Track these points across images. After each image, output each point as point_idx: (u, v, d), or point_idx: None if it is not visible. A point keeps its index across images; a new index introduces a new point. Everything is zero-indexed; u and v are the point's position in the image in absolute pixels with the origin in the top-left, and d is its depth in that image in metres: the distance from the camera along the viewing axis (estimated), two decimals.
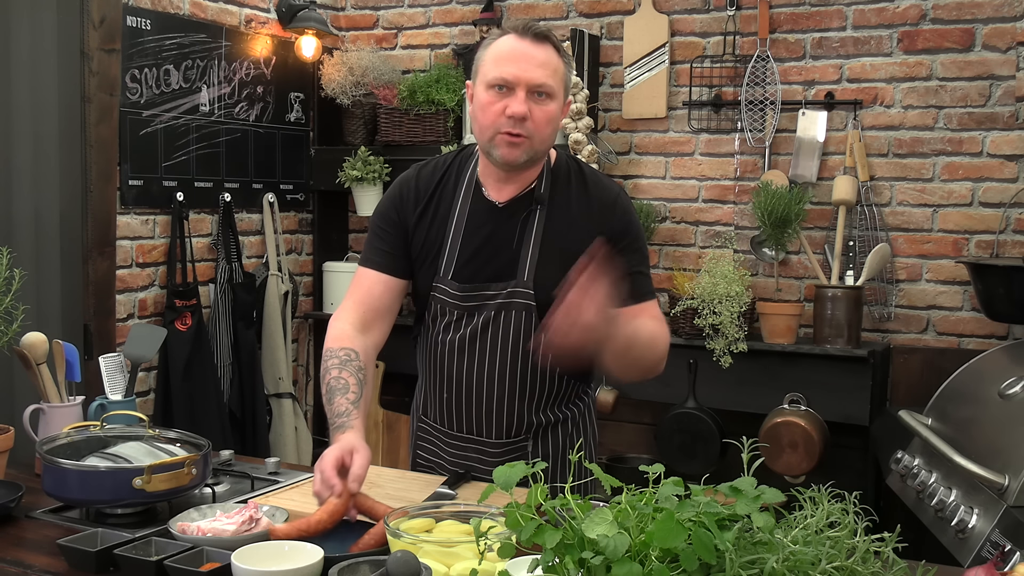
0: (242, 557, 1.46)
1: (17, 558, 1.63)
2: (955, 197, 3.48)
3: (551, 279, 1.88)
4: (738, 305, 3.40)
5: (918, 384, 3.40)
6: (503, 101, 1.88)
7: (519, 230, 1.98)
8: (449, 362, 2.03)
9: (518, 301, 1.96)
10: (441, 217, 2.01)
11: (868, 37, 3.56)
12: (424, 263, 2.02)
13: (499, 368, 1.99)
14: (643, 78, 3.85)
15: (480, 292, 1.98)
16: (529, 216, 1.98)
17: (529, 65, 1.87)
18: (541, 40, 1.89)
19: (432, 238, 2.01)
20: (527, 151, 1.90)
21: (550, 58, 1.89)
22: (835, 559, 1.13)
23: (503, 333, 1.98)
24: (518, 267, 1.96)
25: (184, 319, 3.59)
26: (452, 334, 2.01)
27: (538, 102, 1.88)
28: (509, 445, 2.05)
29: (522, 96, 1.86)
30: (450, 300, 2.00)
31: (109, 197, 3.30)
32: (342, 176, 4.03)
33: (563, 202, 2.00)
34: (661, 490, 1.17)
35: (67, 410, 2.14)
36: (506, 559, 1.21)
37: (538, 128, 1.89)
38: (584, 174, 2.04)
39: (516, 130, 1.88)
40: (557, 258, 1.94)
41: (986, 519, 2.23)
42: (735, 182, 3.78)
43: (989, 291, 3.04)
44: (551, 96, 1.89)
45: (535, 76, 1.87)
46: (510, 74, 1.87)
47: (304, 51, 4.08)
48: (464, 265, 1.98)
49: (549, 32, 1.91)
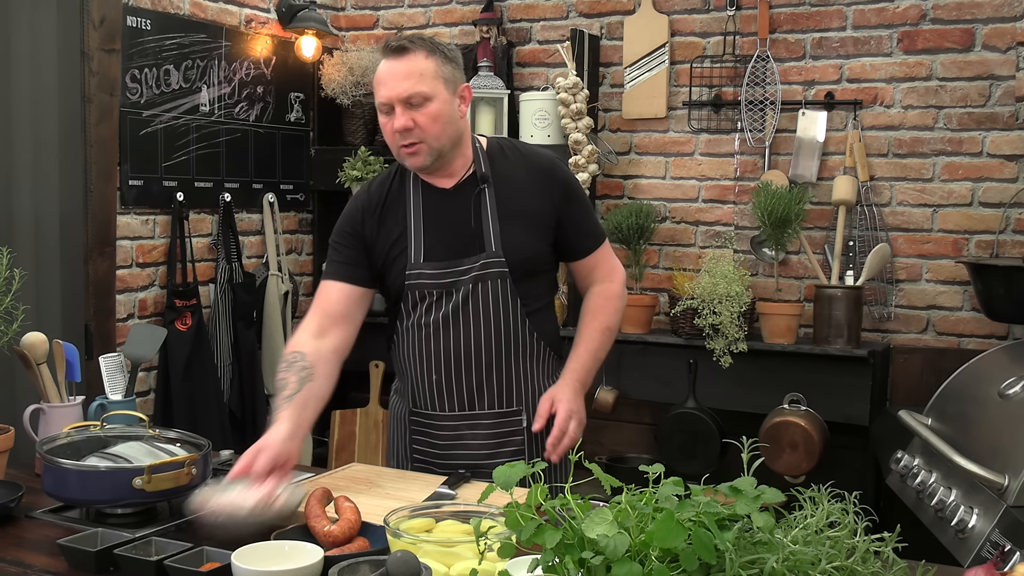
0: (242, 557, 1.46)
1: (17, 558, 1.63)
2: (955, 197, 3.48)
3: (517, 243, 2.11)
4: (738, 305, 3.40)
5: (918, 384, 3.40)
6: (390, 119, 2.05)
7: (473, 208, 2.13)
8: (435, 342, 2.13)
9: (492, 271, 2.10)
10: (399, 215, 2.15)
11: (868, 37, 3.56)
12: (394, 261, 2.14)
13: (484, 337, 2.12)
14: (643, 78, 3.85)
15: (454, 268, 2.11)
16: (480, 194, 2.13)
17: (394, 81, 2.03)
18: (400, 53, 2.04)
19: (396, 236, 2.14)
20: (427, 154, 2.07)
21: (413, 66, 2.03)
22: (835, 559, 1.13)
23: (483, 303, 2.11)
24: (484, 239, 2.11)
25: (184, 319, 3.59)
26: (435, 314, 2.12)
27: (416, 109, 2.03)
28: (501, 417, 2.15)
29: (400, 110, 2.03)
30: (427, 282, 2.12)
31: (109, 197, 3.31)
32: (342, 176, 4.03)
33: (505, 175, 2.16)
34: (661, 490, 1.17)
35: (67, 410, 2.14)
36: (506, 559, 1.21)
37: (426, 130, 2.04)
38: (518, 148, 2.22)
39: (407, 141, 2.05)
40: (517, 224, 2.12)
41: (986, 519, 2.23)
42: (735, 182, 3.78)
43: (989, 291, 3.04)
44: (427, 99, 2.03)
45: (401, 90, 2.02)
46: (383, 96, 2.05)
47: (304, 51, 4.08)
48: (432, 246, 2.12)
49: (411, 39, 2.06)
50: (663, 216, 3.90)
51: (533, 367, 2.19)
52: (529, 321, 2.15)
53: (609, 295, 2.28)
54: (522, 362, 2.16)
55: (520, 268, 2.12)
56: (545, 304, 2.22)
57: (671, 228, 3.90)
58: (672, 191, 3.89)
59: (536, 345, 2.18)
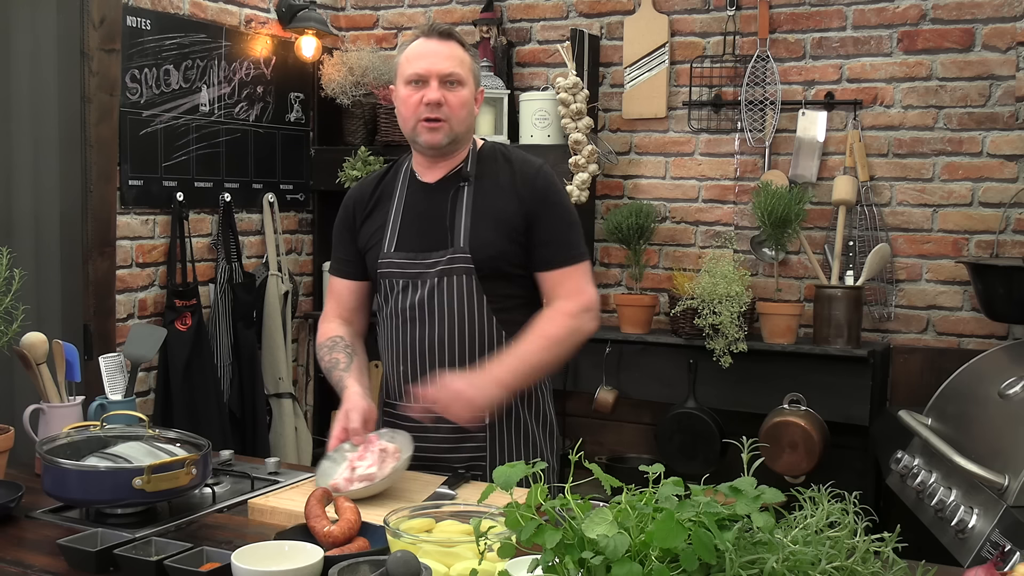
0: (242, 557, 1.46)
1: (17, 558, 1.63)
2: (955, 197, 3.48)
3: (484, 242, 2.13)
4: (738, 305, 3.40)
5: (918, 384, 3.40)
6: (420, 92, 2.12)
7: (450, 204, 2.16)
8: (401, 332, 2.18)
9: (458, 266, 2.12)
10: (384, 208, 2.23)
11: (868, 37, 3.56)
12: (371, 249, 2.22)
13: (448, 332, 2.14)
14: (643, 78, 3.85)
15: (422, 260, 2.15)
16: (459, 192, 2.17)
17: (437, 59, 2.12)
18: (446, 37, 2.15)
19: (377, 227, 2.22)
20: (447, 134, 2.13)
21: (455, 51, 2.14)
22: (835, 559, 1.13)
23: (447, 297, 2.13)
24: (453, 235, 2.14)
25: (184, 319, 3.59)
26: (402, 303, 2.17)
27: (450, 89, 2.12)
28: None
29: (435, 85, 2.11)
30: (395, 271, 2.17)
31: (109, 197, 3.30)
32: (342, 176, 4.02)
33: (490, 176, 2.19)
34: (661, 490, 1.17)
35: (67, 410, 2.14)
36: (506, 559, 1.21)
37: (453, 111, 2.12)
38: (510, 153, 2.25)
39: (434, 115, 2.11)
40: (488, 223, 2.14)
41: (986, 519, 2.23)
42: (735, 182, 3.78)
43: (989, 291, 3.04)
44: (461, 83, 2.13)
45: (444, 67, 2.11)
46: (421, 68, 2.12)
47: (304, 51, 4.08)
48: (404, 238, 2.18)
49: (453, 30, 2.17)
50: (663, 216, 3.90)
51: None
52: (496, 319, 2.13)
53: (563, 311, 2.14)
54: (488, 359, 2.11)
55: (486, 265, 2.12)
56: (517, 304, 2.17)
57: (671, 228, 3.90)
58: (672, 191, 3.89)
59: (504, 343, 2.13)
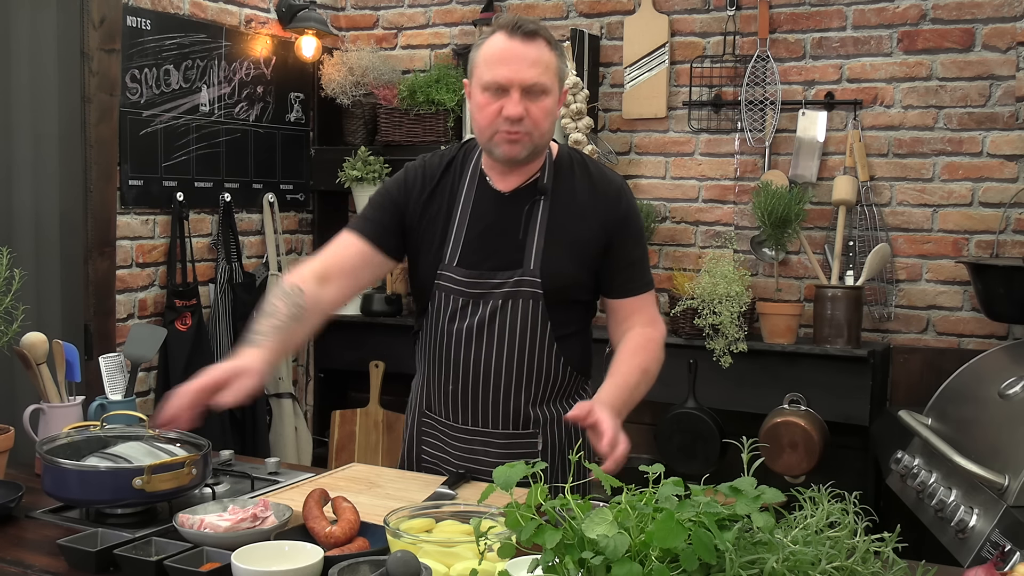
0: (242, 557, 1.46)
1: (17, 558, 1.63)
2: (955, 197, 3.48)
3: (557, 268, 1.97)
4: (738, 305, 3.40)
5: (918, 384, 3.40)
6: (499, 102, 1.90)
7: (524, 219, 2.00)
8: (456, 352, 2.02)
9: (525, 290, 1.98)
10: (446, 205, 2.03)
11: (868, 37, 3.56)
12: (428, 251, 2.03)
13: (507, 357, 2.00)
14: (643, 78, 3.85)
15: (487, 280, 1.99)
16: (534, 206, 2.00)
17: (521, 66, 1.88)
18: (531, 37, 1.90)
19: (437, 226, 2.03)
20: (527, 147, 1.93)
21: (541, 55, 1.90)
22: (835, 559, 1.13)
23: (511, 322, 1.98)
24: (524, 256, 1.98)
25: (184, 319, 3.59)
26: (459, 323, 2.01)
27: (533, 100, 1.90)
28: (515, 438, 2.05)
29: (516, 97, 1.89)
30: (456, 287, 2.01)
31: (109, 197, 3.30)
32: (342, 176, 4.02)
33: (567, 192, 2.02)
34: (661, 490, 1.17)
35: (67, 410, 2.14)
36: (506, 559, 1.21)
37: (536, 124, 1.92)
38: (588, 165, 2.07)
39: (514, 129, 1.90)
40: (562, 247, 1.98)
41: (986, 519, 2.23)
42: (735, 182, 3.78)
43: (989, 291, 3.04)
44: (545, 92, 1.91)
45: (527, 76, 1.88)
46: (503, 76, 1.88)
47: (304, 51, 4.08)
48: (469, 252, 2.00)
49: (539, 27, 1.92)
50: (663, 216, 3.90)
51: (556, 393, 2.06)
52: (558, 346, 2.01)
53: (653, 338, 2.05)
54: (545, 387, 2.03)
55: (555, 292, 1.98)
56: (577, 330, 2.08)
57: (671, 228, 3.90)
58: (672, 191, 3.89)
59: (563, 371, 2.04)
